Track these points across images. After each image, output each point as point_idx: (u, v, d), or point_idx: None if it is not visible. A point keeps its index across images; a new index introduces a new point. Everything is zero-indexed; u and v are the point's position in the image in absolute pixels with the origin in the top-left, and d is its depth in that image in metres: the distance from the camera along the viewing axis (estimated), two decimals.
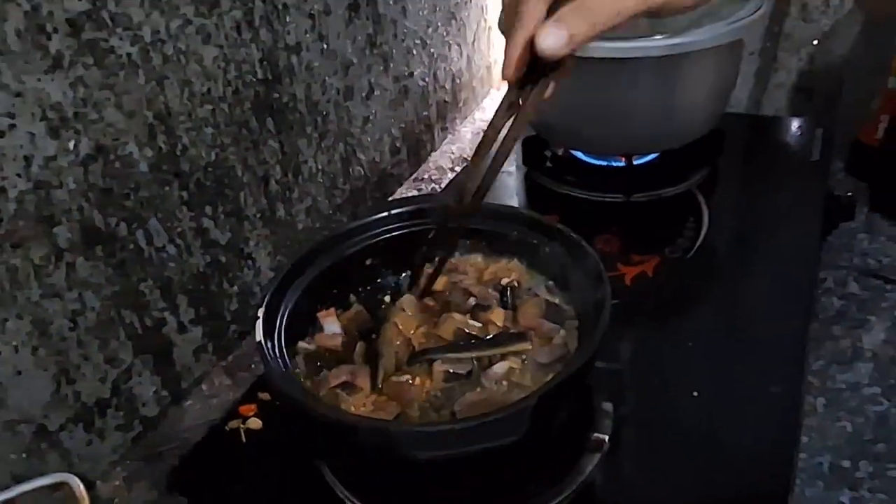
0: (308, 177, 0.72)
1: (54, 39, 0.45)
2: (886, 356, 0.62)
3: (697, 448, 0.47)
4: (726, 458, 0.46)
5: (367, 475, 0.45)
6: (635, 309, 0.59)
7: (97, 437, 0.54)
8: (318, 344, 0.45)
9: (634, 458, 0.46)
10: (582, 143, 0.77)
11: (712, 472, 0.45)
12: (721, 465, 0.46)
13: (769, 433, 0.47)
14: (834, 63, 0.89)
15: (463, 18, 0.96)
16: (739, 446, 0.46)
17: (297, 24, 0.65)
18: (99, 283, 0.51)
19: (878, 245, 0.76)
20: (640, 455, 0.47)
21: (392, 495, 0.45)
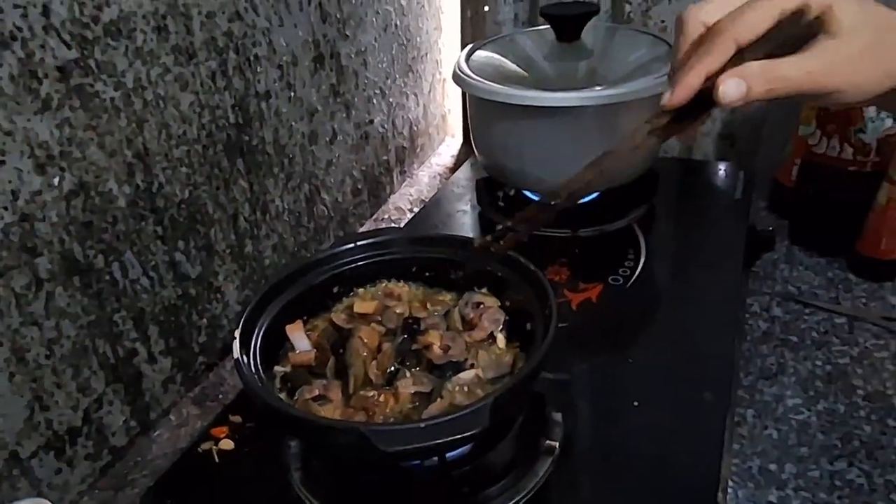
0: (275, 215, 0.75)
1: (45, 84, 0.48)
2: (806, 371, 0.69)
3: (638, 452, 0.52)
4: (664, 460, 0.51)
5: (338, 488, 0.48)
6: (582, 330, 0.64)
7: (67, 465, 0.55)
8: (293, 363, 0.49)
9: (582, 461, 0.50)
10: (531, 184, 0.84)
11: (652, 473, 0.50)
12: (660, 466, 0.50)
13: (702, 436, 0.52)
14: (753, 114, 1.00)
15: (419, 71, 1.04)
16: (675, 449, 0.51)
17: (267, 74, 0.70)
18: (76, 312, 0.53)
19: (797, 273, 0.84)
20: (588, 459, 0.51)
21: None
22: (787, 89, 0.35)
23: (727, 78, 0.35)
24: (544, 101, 0.72)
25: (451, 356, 0.48)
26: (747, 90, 0.35)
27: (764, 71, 0.35)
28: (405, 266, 0.57)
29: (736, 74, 0.35)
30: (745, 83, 0.35)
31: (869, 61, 0.35)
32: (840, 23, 0.35)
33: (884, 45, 0.35)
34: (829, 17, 0.35)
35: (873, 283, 0.80)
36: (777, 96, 0.36)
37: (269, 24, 0.69)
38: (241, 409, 0.58)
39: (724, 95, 0.35)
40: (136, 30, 0.54)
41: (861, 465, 0.58)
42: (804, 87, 0.35)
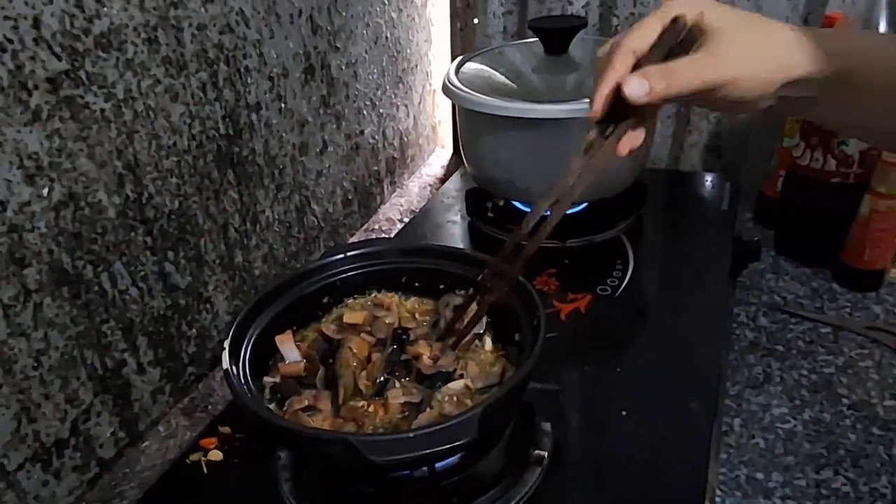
0: (265, 225, 0.76)
1: (35, 95, 0.48)
2: (792, 380, 0.69)
3: (626, 461, 0.52)
4: (652, 469, 0.51)
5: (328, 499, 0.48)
6: (570, 340, 0.64)
7: (54, 477, 0.55)
8: (283, 373, 0.49)
9: (571, 471, 0.51)
10: (520, 195, 0.84)
11: (640, 481, 0.50)
12: (647, 474, 0.51)
13: (689, 445, 0.52)
14: (738, 126, 1.01)
15: (409, 82, 1.04)
16: (663, 457, 0.52)
17: (257, 85, 0.70)
18: (64, 323, 0.53)
19: (783, 283, 0.85)
20: (576, 468, 0.51)
21: None
22: (682, 84, 0.41)
23: (630, 79, 0.41)
24: (533, 113, 0.73)
25: (441, 367, 0.48)
26: (650, 87, 0.40)
27: (660, 69, 0.41)
28: (395, 276, 0.57)
29: (637, 75, 0.41)
30: (646, 81, 0.40)
31: (750, 53, 0.41)
32: (712, 25, 0.41)
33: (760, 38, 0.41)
34: (704, 22, 0.41)
35: (857, 293, 0.81)
36: (678, 92, 0.41)
37: (260, 37, 0.69)
38: (231, 420, 0.57)
39: (631, 93, 0.40)
40: (126, 42, 0.54)
41: (846, 474, 0.58)
42: (696, 80, 0.41)
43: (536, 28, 0.81)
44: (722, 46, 0.41)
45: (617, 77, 0.41)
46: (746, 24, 0.42)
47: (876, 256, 0.80)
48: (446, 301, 0.56)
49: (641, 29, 0.42)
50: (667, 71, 0.40)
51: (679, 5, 0.42)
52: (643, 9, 0.98)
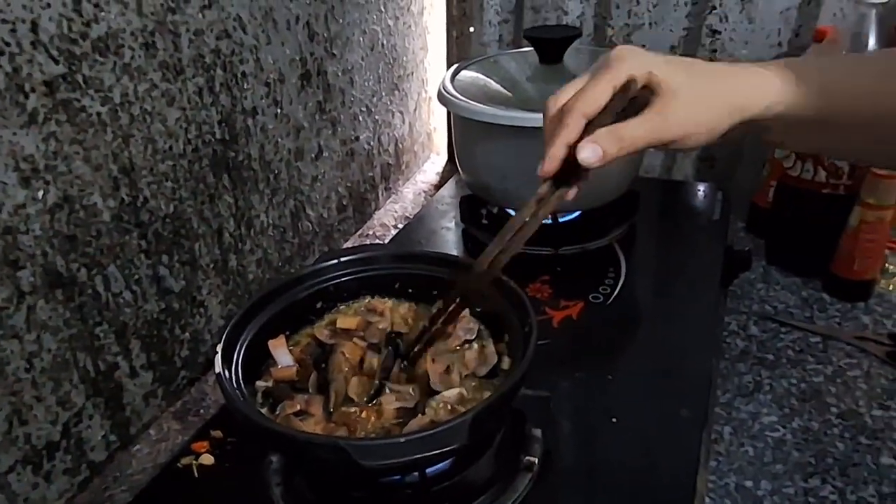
0: (260, 230, 0.76)
1: (31, 98, 0.48)
2: (782, 389, 0.70)
3: (616, 468, 0.52)
4: (642, 476, 0.51)
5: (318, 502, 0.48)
6: (562, 347, 0.65)
7: (44, 480, 0.55)
8: (275, 378, 0.49)
9: (561, 477, 0.51)
10: (514, 202, 0.85)
11: (629, 488, 0.51)
12: (637, 481, 0.51)
13: (679, 452, 0.53)
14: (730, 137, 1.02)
15: (405, 89, 1.05)
16: (653, 464, 0.52)
17: (254, 91, 0.71)
18: (57, 325, 0.53)
19: (773, 293, 0.85)
20: (566, 475, 0.51)
21: None
22: (634, 145, 0.42)
23: (583, 145, 0.42)
24: (527, 122, 0.73)
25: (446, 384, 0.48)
26: (602, 152, 0.41)
27: (611, 133, 0.42)
28: (388, 282, 0.58)
29: (589, 141, 0.42)
30: (598, 146, 0.41)
31: (700, 106, 0.42)
32: (661, 85, 0.42)
33: (705, 92, 0.42)
34: (653, 82, 0.42)
35: (847, 303, 0.82)
36: (629, 152, 0.42)
37: (257, 42, 0.70)
38: (223, 424, 0.57)
39: (584, 160, 0.42)
40: (124, 46, 0.54)
41: (834, 483, 0.59)
42: (648, 139, 0.42)
43: (531, 37, 0.82)
44: (670, 106, 0.41)
45: (568, 140, 0.42)
46: (691, 80, 0.42)
47: (865, 267, 0.81)
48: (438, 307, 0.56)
49: (592, 92, 0.42)
50: (617, 134, 0.41)
51: (628, 67, 0.42)
52: (637, 20, 0.99)
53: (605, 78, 0.42)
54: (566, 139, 0.42)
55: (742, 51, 0.96)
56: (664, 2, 0.97)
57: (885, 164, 0.65)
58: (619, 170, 0.81)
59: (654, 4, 0.98)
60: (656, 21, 0.99)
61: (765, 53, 0.95)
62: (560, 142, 0.43)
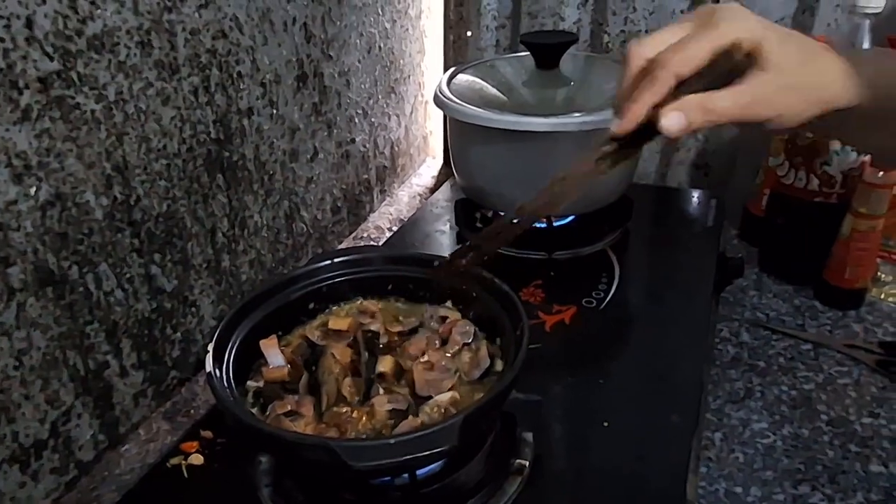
0: (253, 231, 0.76)
1: (25, 94, 0.48)
2: (773, 396, 0.70)
3: (607, 472, 0.52)
4: (632, 480, 0.51)
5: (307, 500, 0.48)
6: (554, 351, 0.65)
7: (31, 479, 0.54)
8: (266, 378, 0.49)
9: (551, 481, 0.51)
10: (508, 207, 0.85)
11: (620, 491, 0.51)
12: (627, 486, 0.51)
13: (669, 457, 0.53)
14: (725, 144, 1.03)
15: (402, 92, 1.05)
16: (643, 469, 0.52)
17: (249, 91, 0.71)
18: (47, 323, 0.53)
19: (766, 300, 0.86)
20: (557, 479, 0.51)
21: None
22: (722, 119, 0.39)
23: (669, 111, 0.38)
24: (522, 126, 0.73)
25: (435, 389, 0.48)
26: (687, 122, 0.38)
27: (701, 104, 0.38)
28: (381, 284, 0.58)
29: (676, 108, 0.38)
30: (684, 115, 0.38)
31: (796, 92, 0.39)
32: (769, 58, 0.38)
33: (812, 75, 0.39)
34: (760, 54, 0.38)
35: (838, 311, 0.83)
36: (714, 124, 0.39)
37: (254, 43, 0.70)
38: (213, 424, 0.57)
39: (667, 127, 0.38)
40: (119, 44, 0.54)
41: (823, 489, 0.59)
42: (738, 116, 0.39)
43: (528, 42, 0.82)
44: (772, 83, 0.38)
45: (654, 100, 0.38)
46: (801, 58, 0.39)
47: (856, 275, 0.81)
48: (430, 312, 0.56)
49: (692, 50, 0.38)
50: (708, 105, 0.38)
51: (736, 29, 0.37)
52: (633, 26, 1.00)
53: (708, 37, 0.37)
54: (652, 99, 0.38)
55: None
56: (660, 9, 0.98)
57: None
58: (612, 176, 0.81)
59: (651, 12, 0.98)
60: (653, 28, 0.99)
61: None
62: (646, 100, 0.38)
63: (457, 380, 0.49)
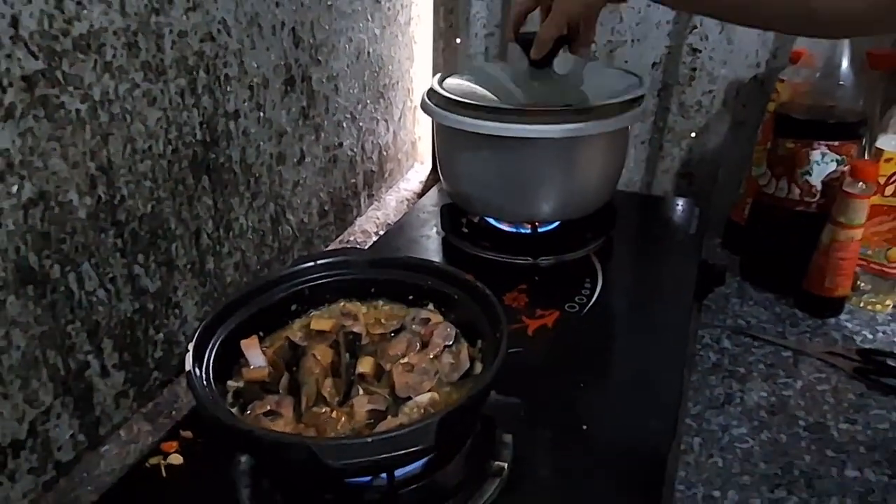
0: (239, 233, 0.76)
1: (9, 93, 0.48)
2: (752, 402, 0.71)
3: (585, 473, 0.53)
4: (610, 483, 0.52)
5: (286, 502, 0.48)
6: (536, 355, 0.65)
7: (8, 479, 0.54)
8: (246, 378, 0.49)
9: (529, 483, 0.51)
10: (494, 212, 0.86)
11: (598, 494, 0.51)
12: (606, 487, 0.51)
13: (647, 460, 0.53)
14: (709, 153, 1.04)
15: (390, 98, 1.06)
16: (621, 472, 0.53)
17: (236, 94, 0.71)
18: (27, 322, 0.53)
19: (747, 308, 0.87)
20: (536, 480, 0.52)
21: None
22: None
23: None
24: (507, 132, 0.74)
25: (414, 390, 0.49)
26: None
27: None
28: (364, 287, 0.58)
29: None
30: None
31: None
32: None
33: None
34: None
35: (818, 319, 0.84)
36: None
37: (241, 46, 0.70)
38: (193, 424, 0.57)
39: None
40: (105, 45, 0.55)
41: (800, 494, 0.60)
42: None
43: (522, 39, 0.82)
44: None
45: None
46: None
47: (836, 284, 0.82)
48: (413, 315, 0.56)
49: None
50: None
51: None
52: (619, 37, 1.01)
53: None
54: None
55: (721, 70, 0.98)
56: (646, 20, 0.99)
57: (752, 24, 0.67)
58: (598, 183, 0.83)
59: (637, 23, 1.00)
60: (639, 38, 1.01)
61: (743, 73, 0.98)
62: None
63: (436, 382, 0.49)
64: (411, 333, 0.54)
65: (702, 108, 1.01)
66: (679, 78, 1.00)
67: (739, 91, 0.99)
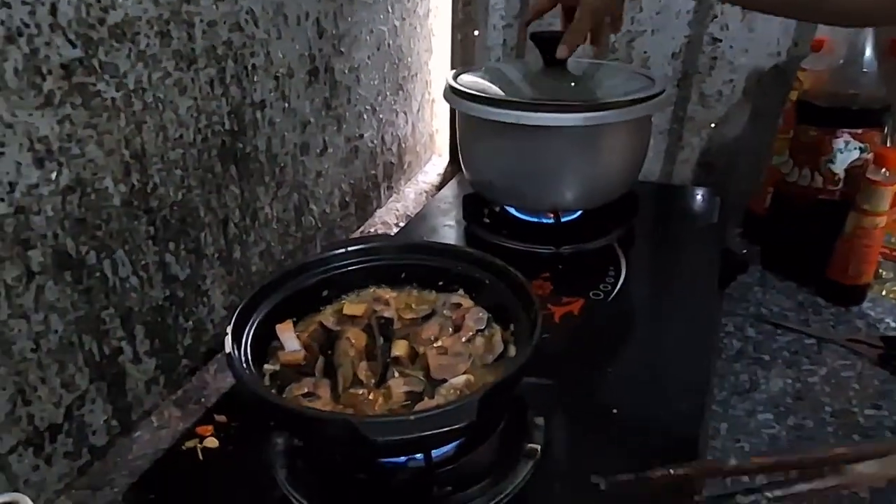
0: (264, 222, 0.76)
1: (48, 80, 0.49)
2: (777, 388, 0.71)
3: (616, 456, 0.53)
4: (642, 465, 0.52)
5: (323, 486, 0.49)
6: (563, 341, 0.66)
7: (45, 462, 0.54)
8: (282, 361, 0.49)
9: (561, 465, 0.52)
10: (516, 201, 0.86)
11: None
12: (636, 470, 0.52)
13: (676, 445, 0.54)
14: (729, 143, 1.04)
15: (409, 90, 1.06)
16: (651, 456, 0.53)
17: (262, 84, 0.72)
18: (65, 307, 0.53)
19: (769, 296, 0.86)
20: (567, 462, 0.52)
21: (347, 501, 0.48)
22: None
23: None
24: (530, 121, 0.74)
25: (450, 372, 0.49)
26: None
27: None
28: (394, 272, 0.59)
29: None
30: None
31: None
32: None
33: None
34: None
35: (841, 307, 0.83)
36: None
37: (268, 37, 0.71)
38: (226, 409, 0.58)
39: None
40: (139, 33, 0.55)
41: None
42: None
43: (537, 38, 0.83)
44: None
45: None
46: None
47: (859, 272, 0.82)
48: (443, 300, 0.57)
49: None
50: None
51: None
52: (639, 26, 1.01)
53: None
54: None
55: (742, 59, 0.98)
56: (666, 9, 0.99)
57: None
58: (620, 171, 0.83)
59: (657, 12, 1.00)
60: (659, 28, 1.00)
61: (764, 62, 0.97)
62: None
63: (471, 364, 0.50)
64: (442, 318, 0.54)
65: (722, 98, 1.01)
66: (699, 67, 1.00)
67: (760, 80, 0.99)
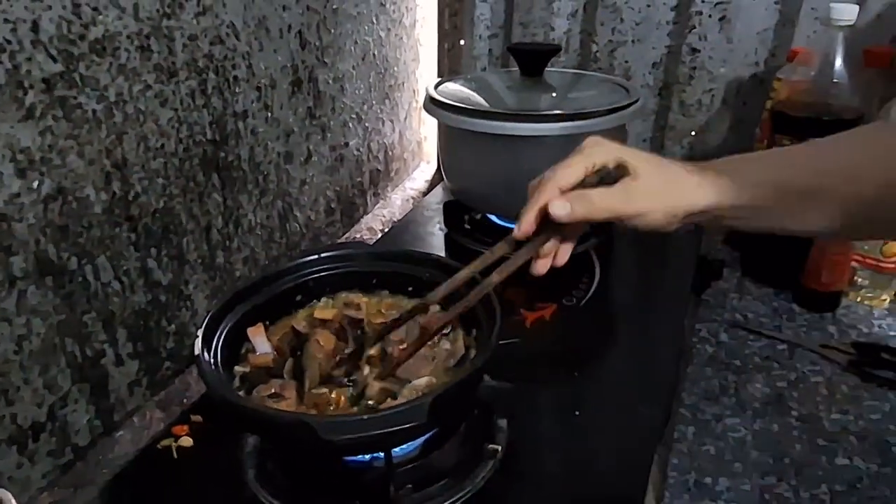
0: (247, 229, 0.78)
1: (30, 94, 0.51)
2: (746, 393, 0.72)
3: (576, 458, 0.55)
4: (600, 466, 0.54)
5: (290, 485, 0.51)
6: (532, 346, 0.67)
7: (28, 461, 0.56)
8: (252, 364, 0.51)
9: (523, 465, 0.53)
10: (495, 209, 0.88)
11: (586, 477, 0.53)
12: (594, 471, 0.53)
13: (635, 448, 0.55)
14: (710, 151, 1.05)
15: (396, 99, 1.08)
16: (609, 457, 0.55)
17: (245, 94, 0.74)
18: (47, 311, 0.56)
19: (745, 303, 0.88)
20: (528, 463, 0.54)
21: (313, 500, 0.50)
22: (598, 211, 0.48)
23: (555, 201, 0.47)
24: (508, 131, 0.76)
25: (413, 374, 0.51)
26: (570, 209, 0.47)
27: (581, 195, 0.48)
28: (366, 279, 0.60)
29: (564, 198, 0.48)
30: (569, 204, 0.47)
31: (657, 192, 0.48)
32: (632, 167, 0.48)
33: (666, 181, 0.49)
34: (626, 167, 0.48)
35: (815, 314, 0.85)
36: (594, 217, 0.48)
37: (250, 49, 0.73)
38: (203, 409, 0.60)
39: (554, 213, 0.47)
40: (120, 48, 0.57)
41: (790, 481, 0.61)
42: (610, 211, 0.48)
43: (515, 50, 0.85)
44: (633, 185, 0.48)
45: (540, 204, 0.48)
46: (657, 169, 0.49)
47: (833, 279, 0.84)
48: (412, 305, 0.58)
49: (567, 169, 0.48)
50: (587, 198, 0.47)
51: (601, 153, 0.49)
52: (620, 37, 1.03)
53: (578, 159, 0.49)
54: (539, 204, 0.48)
55: (720, 69, 0.99)
56: (647, 20, 1.01)
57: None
58: None
59: (637, 23, 1.01)
60: (639, 38, 1.02)
61: (743, 71, 0.99)
62: (533, 206, 0.48)
63: (434, 367, 0.51)
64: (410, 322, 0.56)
65: (702, 107, 1.02)
66: (679, 77, 1.01)
67: (739, 89, 1.00)
